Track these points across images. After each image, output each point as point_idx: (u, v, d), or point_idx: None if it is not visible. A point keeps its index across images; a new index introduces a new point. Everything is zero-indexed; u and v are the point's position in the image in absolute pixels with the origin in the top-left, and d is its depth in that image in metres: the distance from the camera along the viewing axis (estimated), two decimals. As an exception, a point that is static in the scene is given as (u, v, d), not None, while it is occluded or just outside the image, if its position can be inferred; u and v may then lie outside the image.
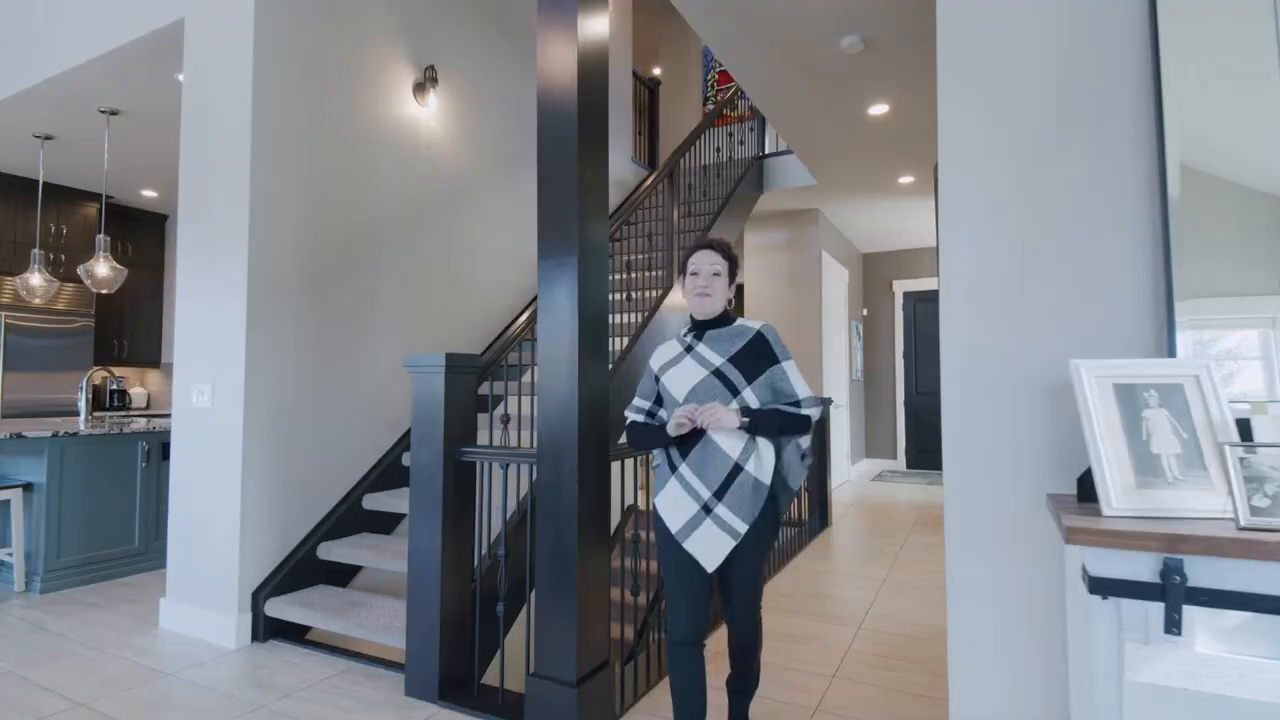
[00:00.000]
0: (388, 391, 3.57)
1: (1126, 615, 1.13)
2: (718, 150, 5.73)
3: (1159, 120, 1.46)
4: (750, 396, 1.78)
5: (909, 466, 8.50)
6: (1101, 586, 1.14)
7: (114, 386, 6.70)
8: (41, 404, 5.85)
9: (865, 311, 8.84)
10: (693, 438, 1.79)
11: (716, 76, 8.28)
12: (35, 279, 4.70)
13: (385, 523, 3.45)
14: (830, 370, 6.99)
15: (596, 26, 2.31)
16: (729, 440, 1.76)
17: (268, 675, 2.59)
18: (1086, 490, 1.34)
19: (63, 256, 6.04)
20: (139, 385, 6.94)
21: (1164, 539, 1.09)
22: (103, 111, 4.35)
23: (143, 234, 6.81)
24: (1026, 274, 1.60)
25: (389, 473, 3.50)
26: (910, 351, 8.56)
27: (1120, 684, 1.13)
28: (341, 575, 3.24)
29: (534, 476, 2.41)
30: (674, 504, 1.80)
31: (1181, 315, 1.42)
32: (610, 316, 2.87)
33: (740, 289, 8.34)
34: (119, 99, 4.19)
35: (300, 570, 3.06)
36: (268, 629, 2.92)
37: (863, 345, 8.69)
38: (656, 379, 1.92)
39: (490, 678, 2.78)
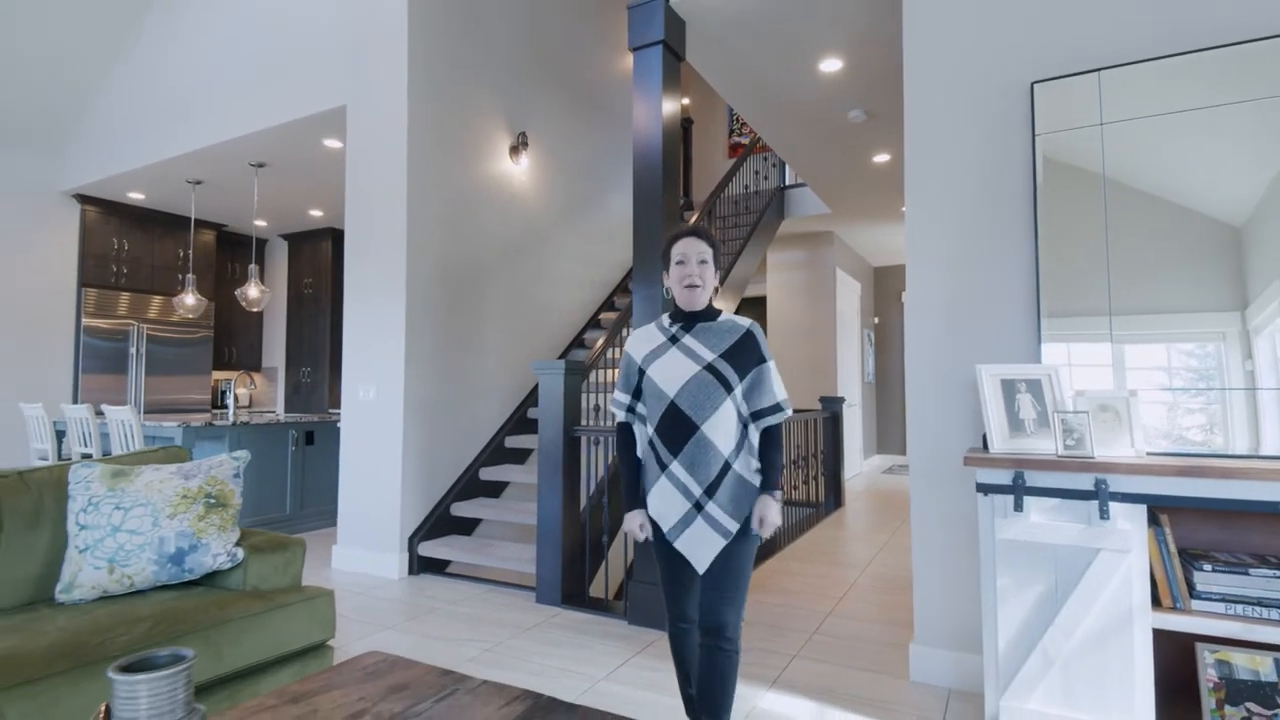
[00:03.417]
0: (493, 389, 4.57)
1: (996, 503, 2.06)
2: (746, 186, 6.68)
3: (1035, 219, 2.40)
4: (739, 393, 1.78)
5: (916, 461, 9.36)
6: (984, 488, 2.08)
7: (224, 388, 7.79)
8: (172, 403, 6.95)
9: (876, 320, 9.73)
10: (683, 433, 1.74)
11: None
12: (190, 299, 5.76)
13: (495, 489, 4.45)
14: (844, 373, 7.90)
15: (672, 106, 3.29)
16: (723, 437, 1.74)
17: (432, 592, 3.58)
18: (985, 443, 2.28)
19: (190, 277, 7.13)
20: (242, 387, 8.01)
21: (1015, 461, 2.03)
22: (252, 164, 5.41)
23: (247, 257, 7.89)
24: (958, 306, 2.54)
25: (496, 452, 4.50)
26: (917, 356, 9.42)
27: (994, 540, 2.07)
28: (466, 527, 4.24)
29: (613, 447, 3.37)
30: (665, 502, 1.77)
31: (1046, 331, 2.36)
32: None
33: (762, 301, 9.28)
34: (268, 156, 5.24)
35: (438, 523, 4.06)
36: (419, 565, 3.91)
37: (874, 351, 9.58)
38: (641, 371, 1.84)
39: (594, 590, 3.74)
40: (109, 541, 1.97)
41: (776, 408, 1.80)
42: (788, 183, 7.17)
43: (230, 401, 5.49)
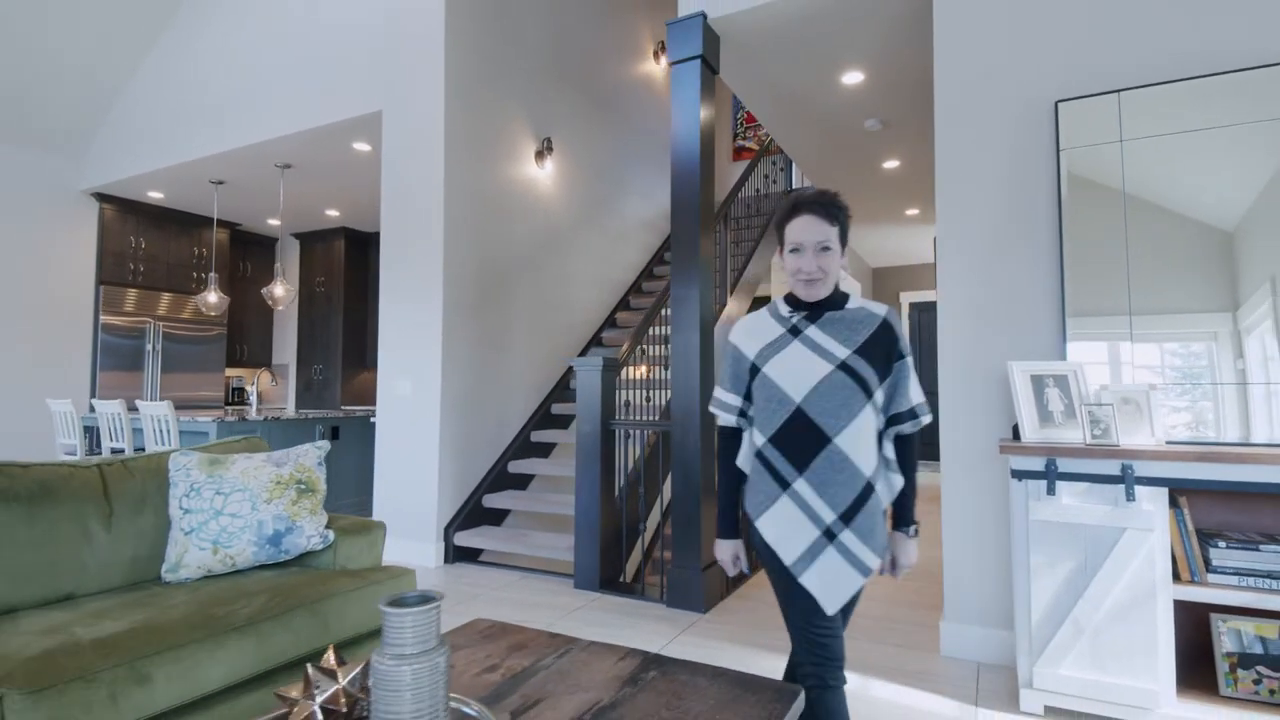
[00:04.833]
0: (520, 386, 4.72)
1: (1029, 487, 2.25)
2: (757, 190, 6.87)
3: (1059, 228, 2.59)
4: (880, 398, 1.49)
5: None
6: (1018, 474, 2.27)
7: (235, 385, 7.86)
8: (187, 399, 7.01)
9: (874, 320, 9.96)
10: (812, 446, 1.45)
11: (745, 115, 9.42)
12: (212, 296, 5.84)
13: (522, 482, 4.60)
14: (846, 372, 8.10)
15: (708, 112, 3.45)
16: (862, 451, 1.45)
17: (471, 579, 3.73)
18: (1016, 433, 2.47)
19: (204, 275, 7.20)
20: (264, 384, 8.07)
21: (1046, 449, 2.22)
22: (278, 166, 5.50)
23: (258, 255, 7.97)
24: (989, 307, 2.73)
25: (523, 446, 4.64)
26: (916, 355, 9.68)
27: (1027, 521, 2.25)
28: (497, 517, 4.38)
29: (644, 440, 3.53)
30: (786, 528, 1.47)
31: (1071, 330, 2.55)
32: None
33: (768, 301, 9.45)
34: (296, 158, 5.34)
35: (471, 513, 4.20)
36: (454, 554, 4.05)
37: (872, 350, 9.80)
38: (755, 369, 1.53)
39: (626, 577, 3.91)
40: (212, 524, 2.10)
41: (913, 413, 1.52)
42: (794, 186, 7.36)
43: (252, 398, 5.58)
